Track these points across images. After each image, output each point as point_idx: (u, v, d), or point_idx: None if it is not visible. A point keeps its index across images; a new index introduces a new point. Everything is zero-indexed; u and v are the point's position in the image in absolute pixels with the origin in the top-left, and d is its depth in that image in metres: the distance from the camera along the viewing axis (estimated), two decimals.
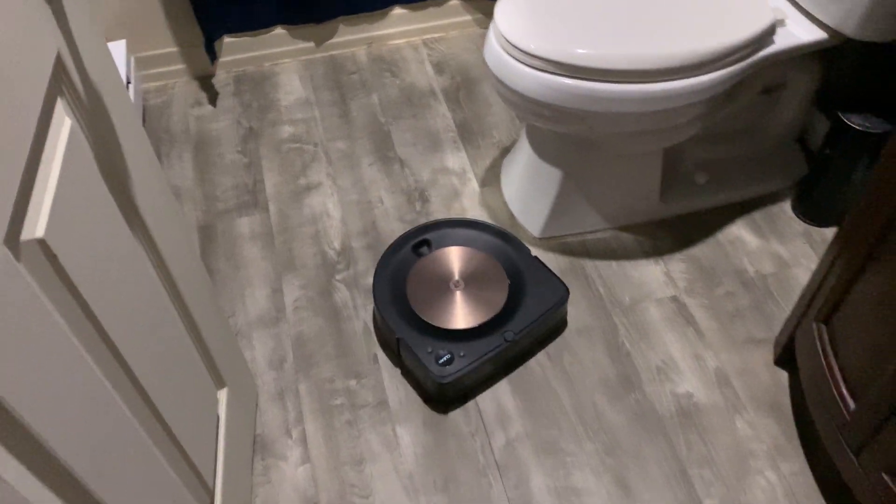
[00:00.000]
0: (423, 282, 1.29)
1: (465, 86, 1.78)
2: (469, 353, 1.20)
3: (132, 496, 0.67)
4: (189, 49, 1.77)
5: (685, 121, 1.22)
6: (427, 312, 1.25)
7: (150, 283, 0.80)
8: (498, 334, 1.22)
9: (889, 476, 0.95)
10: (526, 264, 1.32)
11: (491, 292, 1.28)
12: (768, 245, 1.44)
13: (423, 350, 1.20)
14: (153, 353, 0.78)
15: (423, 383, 1.24)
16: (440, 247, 1.34)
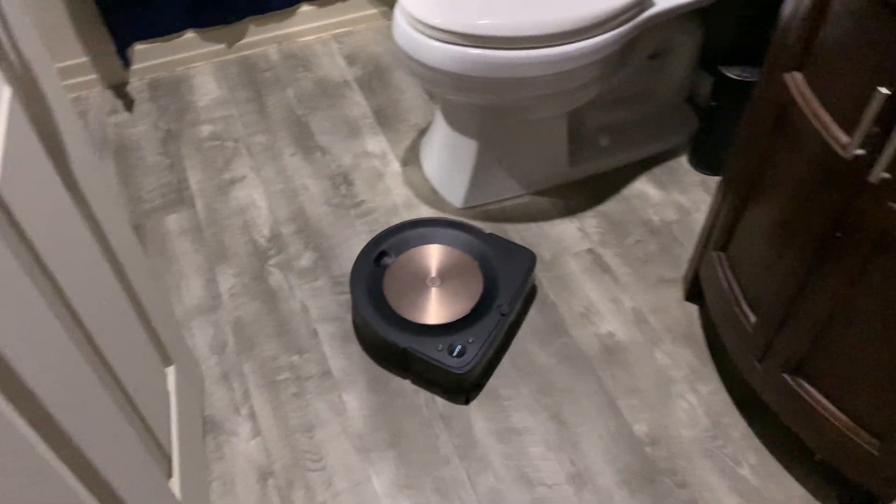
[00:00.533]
0: (401, 288, 1.30)
1: (377, 75, 1.85)
2: (475, 337, 1.22)
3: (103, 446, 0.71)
4: (101, 58, 1.78)
5: (584, 82, 1.32)
6: (417, 315, 1.26)
7: (92, 251, 0.83)
8: (492, 312, 1.26)
9: (788, 375, 1.06)
10: (486, 243, 1.36)
11: (467, 278, 1.31)
12: (670, 196, 1.56)
13: (434, 350, 1.21)
14: (104, 319, 0.82)
15: (444, 381, 1.24)
16: (400, 252, 1.35)
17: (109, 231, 0.90)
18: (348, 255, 1.47)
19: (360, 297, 1.28)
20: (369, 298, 1.28)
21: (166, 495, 0.91)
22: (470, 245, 1.36)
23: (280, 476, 1.17)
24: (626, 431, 1.21)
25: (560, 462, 1.18)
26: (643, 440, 1.20)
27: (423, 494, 1.15)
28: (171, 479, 0.98)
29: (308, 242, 1.49)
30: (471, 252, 1.35)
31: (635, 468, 1.17)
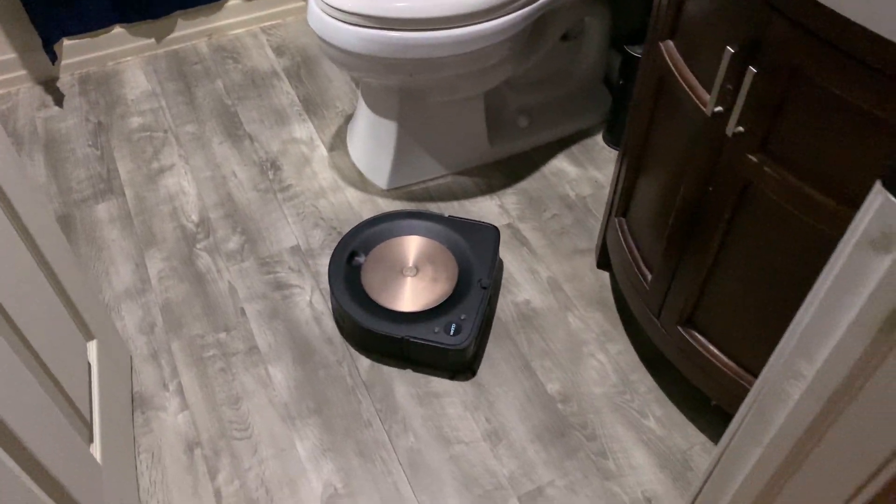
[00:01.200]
0: (381, 283, 1.33)
1: (305, 65, 1.90)
2: (466, 313, 1.27)
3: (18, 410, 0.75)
4: (29, 54, 1.79)
5: (495, 62, 1.39)
6: (404, 305, 1.29)
7: (9, 236, 0.87)
8: (474, 288, 1.30)
9: (682, 328, 1.14)
10: (448, 226, 1.40)
11: (440, 261, 1.35)
12: (586, 172, 1.63)
13: (431, 333, 1.25)
14: (21, 296, 0.85)
15: (445, 362, 1.28)
16: (369, 250, 1.38)
17: (27, 218, 0.94)
18: (275, 237, 1.51)
19: (343, 299, 1.30)
20: (353, 299, 1.30)
21: (87, 460, 0.95)
22: (434, 231, 1.40)
23: (207, 446, 1.21)
24: (540, 391, 1.27)
25: (476, 421, 1.24)
26: (555, 398, 1.27)
27: (345, 456, 1.20)
28: (92, 444, 1.02)
29: (236, 226, 1.53)
30: (437, 237, 1.39)
31: (548, 424, 1.23)
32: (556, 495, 1.15)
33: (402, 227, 1.41)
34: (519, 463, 1.19)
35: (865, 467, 0.56)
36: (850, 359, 0.53)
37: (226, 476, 1.18)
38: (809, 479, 0.64)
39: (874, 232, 0.48)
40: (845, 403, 0.56)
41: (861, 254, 0.50)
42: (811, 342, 0.57)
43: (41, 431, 0.81)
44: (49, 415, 0.86)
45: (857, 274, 0.51)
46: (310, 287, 1.42)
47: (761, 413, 0.66)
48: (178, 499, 1.15)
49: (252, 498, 1.15)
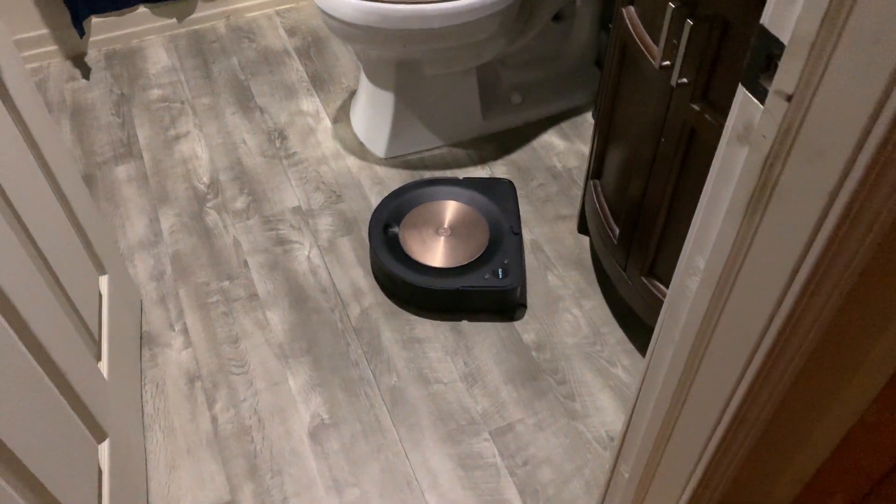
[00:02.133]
0: (422, 247, 1.42)
1: (315, 44, 2.01)
2: (508, 258, 1.38)
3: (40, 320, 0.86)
4: (60, 31, 1.93)
5: (487, 35, 1.49)
6: (450, 262, 1.40)
7: (38, 178, 0.99)
8: (507, 236, 1.42)
9: (646, 278, 1.23)
10: (468, 186, 1.51)
11: (469, 219, 1.46)
12: (573, 146, 1.72)
13: (482, 280, 1.35)
14: (47, 230, 0.97)
15: (498, 304, 1.38)
16: (400, 220, 1.47)
17: (54, 165, 1.07)
18: (279, 198, 1.62)
19: (393, 266, 1.38)
20: (403, 266, 1.39)
21: (94, 373, 1.06)
22: (455, 193, 1.51)
23: (207, 379, 1.32)
24: (516, 339, 1.37)
25: (455, 364, 1.33)
26: (530, 346, 1.36)
27: (332, 391, 1.30)
28: (100, 362, 1.13)
29: (243, 188, 1.64)
30: (459, 198, 1.50)
31: (521, 368, 1.32)
32: (524, 431, 1.24)
33: (425, 195, 1.51)
34: (492, 402, 1.28)
35: (750, 342, 0.65)
36: (728, 244, 0.62)
37: (222, 405, 1.28)
38: (710, 370, 0.72)
39: (739, 126, 0.57)
40: (730, 288, 0.64)
41: (731, 148, 0.59)
42: (702, 237, 0.66)
43: (57, 341, 0.92)
44: (61, 322, 0.97)
45: (728, 166, 0.60)
46: (309, 243, 1.53)
47: (672, 313, 0.75)
48: (178, 423, 1.26)
49: (245, 425, 1.26)
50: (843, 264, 0.54)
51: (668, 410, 0.83)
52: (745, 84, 0.56)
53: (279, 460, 1.21)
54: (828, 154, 0.49)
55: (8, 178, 0.90)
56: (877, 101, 0.44)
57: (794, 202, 0.54)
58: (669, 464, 0.89)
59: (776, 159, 0.54)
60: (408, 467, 1.20)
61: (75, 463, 0.91)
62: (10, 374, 0.77)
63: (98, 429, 1.02)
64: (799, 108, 0.50)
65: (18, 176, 0.94)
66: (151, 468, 1.21)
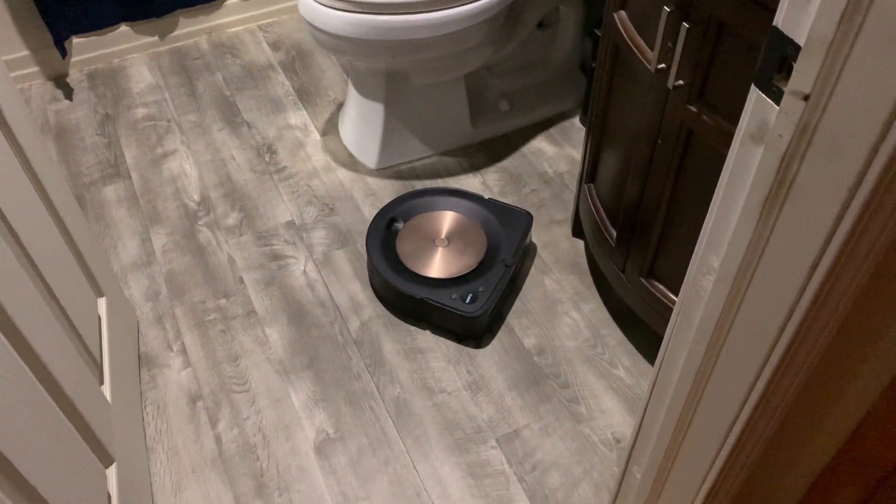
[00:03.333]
0: (413, 249, 1.43)
1: (299, 58, 2.01)
2: (485, 286, 1.36)
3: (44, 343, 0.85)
4: (41, 51, 1.91)
5: (473, 44, 1.50)
6: (430, 271, 1.39)
7: (37, 205, 0.98)
8: (497, 265, 1.39)
9: (644, 279, 1.23)
10: (486, 207, 1.49)
11: (471, 237, 1.44)
12: (563, 150, 1.73)
13: (448, 299, 1.33)
14: (46, 253, 0.96)
15: (458, 327, 1.36)
16: (408, 218, 1.48)
17: (50, 188, 1.05)
18: (271, 213, 1.61)
19: (376, 258, 1.41)
20: (385, 259, 1.41)
21: (98, 397, 1.04)
22: (471, 209, 1.49)
23: (208, 398, 1.31)
24: (517, 345, 1.37)
25: (458, 373, 1.33)
26: (531, 351, 1.36)
27: (336, 405, 1.29)
28: (103, 385, 1.11)
29: (234, 204, 1.63)
30: (473, 215, 1.49)
31: (524, 374, 1.33)
32: (531, 437, 1.24)
33: (442, 202, 1.51)
34: (497, 409, 1.28)
35: (767, 341, 0.66)
36: (744, 243, 0.63)
37: (225, 424, 1.27)
38: (726, 369, 0.73)
39: (752, 126, 0.58)
40: (746, 286, 0.65)
41: (745, 148, 0.60)
42: (716, 236, 0.67)
43: (59, 359, 0.91)
44: (65, 346, 0.96)
45: (743, 166, 0.61)
46: (304, 257, 1.52)
47: (686, 314, 0.76)
48: (182, 444, 1.25)
49: (250, 443, 1.25)
50: (861, 259, 0.55)
51: (682, 411, 0.84)
52: (758, 85, 0.57)
53: (286, 477, 1.20)
54: (846, 151, 0.50)
55: (7, 199, 0.89)
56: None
57: (811, 200, 0.55)
58: (684, 464, 0.89)
59: (793, 158, 0.55)
60: (416, 478, 1.20)
61: (85, 489, 0.89)
62: (17, 399, 0.76)
63: (105, 453, 1.01)
64: (816, 108, 0.51)
65: (16, 197, 0.92)
66: (157, 491, 1.19)
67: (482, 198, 1.51)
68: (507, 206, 1.50)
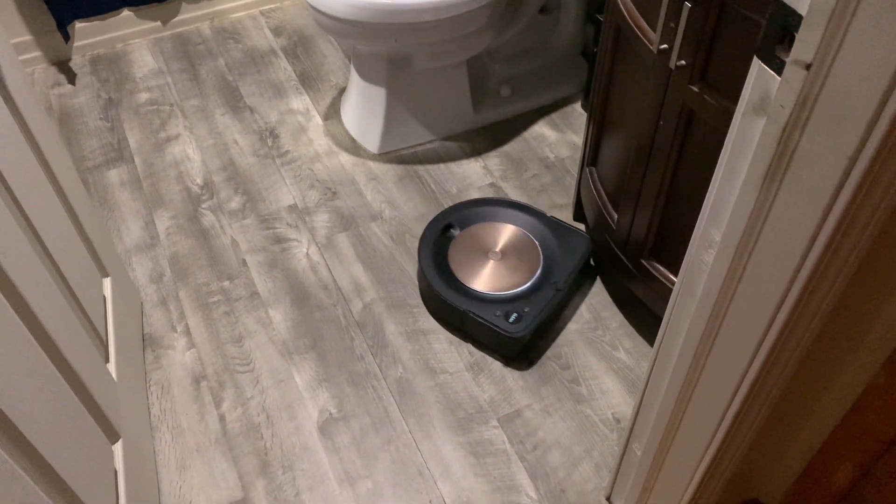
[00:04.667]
0: (465, 258, 1.39)
1: (301, 43, 2.01)
2: (531, 307, 1.30)
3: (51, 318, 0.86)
4: (44, 36, 1.91)
5: (474, 29, 1.50)
6: (478, 284, 1.35)
7: (44, 183, 0.99)
8: (548, 287, 1.33)
9: (646, 261, 1.24)
10: (546, 224, 1.44)
11: (526, 254, 1.39)
12: (564, 136, 1.74)
13: (492, 315, 1.29)
14: (53, 232, 0.97)
15: (498, 344, 1.32)
16: (465, 226, 1.44)
17: (56, 169, 1.06)
18: (274, 197, 1.62)
19: (426, 262, 1.37)
20: (435, 265, 1.37)
21: (104, 374, 1.05)
22: (531, 225, 1.44)
23: (212, 379, 1.32)
24: None
25: (460, 354, 1.34)
26: None
27: (339, 386, 1.30)
28: (108, 363, 1.12)
29: (237, 188, 1.64)
30: (531, 231, 1.43)
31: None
32: (532, 417, 1.26)
33: (501, 214, 1.46)
34: (498, 389, 1.29)
35: (768, 312, 0.67)
36: (745, 215, 0.64)
37: (230, 404, 1.28)
38: (726, 342, 0.74)
39: (755, 98, 0.59)
40: (747, 259, 0.66)
41: (746, 120, 0.61)
42: (718, 210, 0.68)
43: (67, 336, 0.92)
44: (72, 324, 0.97)
45: (744, 138, 0.61)
46: (306, 240, 1.53)
47: (687, 289, 0.77)
48: (187, 423, 1.26)
49: (254, 422, 1.26)
50: (861, 227, 0.56)
51: (683, 385, 0.85)
52: (760, 56, 0.57)
53: (290, 456, 1.22)
54: (847, 119, 0.51)
55: (17, 180, 0.90)
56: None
57: (812, 168, 0.55)
58: (684, 439, 0.91)
59: (794, 128, 0.55)
60: (419, 457, 1.21)
61: (94, 464, 0.91)
62: (26, 372, 0.77)
63: (111, 429, 1.02)
64: (818, 76, 0.52)
65: (25, 178, 0.93)
66: (162, 469, 1.20)
67: (544, 214, 1.45)
68: (568, 226, 1.44)
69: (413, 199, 1.61)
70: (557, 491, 1.17)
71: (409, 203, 1.60)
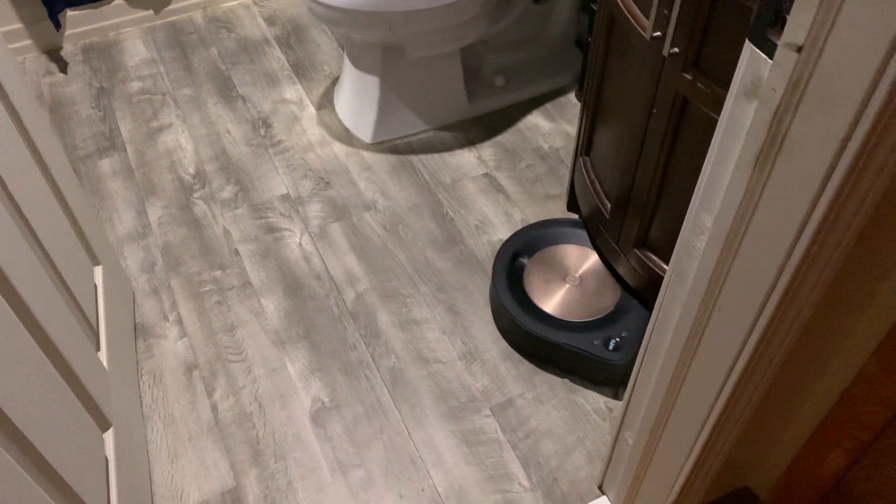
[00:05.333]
0: (543, 287, 1.32)
1: (295, 33, 2.00)
2: (627, 331, 1.24)
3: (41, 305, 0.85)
4: (35, 24, 1.90)
5: (468, 17, 1.49)
6: (565, 312, 1.28)
7: (36, 174, 0.98)
8: (638, 308, 1.27)
9: (638, 250, 1.24)
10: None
11: (606, 277, 1.33)
12: (558, 126, 1.74)
13: (590, 345, 1.22)
14: (43, 220, 0.96)
15: (597, 374, 1.26)
16: (532, 253, 1.37)
17: (47, 157, 1.05)
18: (267, 186, 1.61)
19: (505, 298, 1.29)
20: (514, 298, 1.30)
21: (95, 362, 1.05)
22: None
23: (204, 368, 1.31)
24: None
25: (453, 343, 1.34)
26: None
27: (332, 375, 1.30)
28: (100, 352, 1.12)
29: (230, 177, 1.63)
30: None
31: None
32: (524, 406, 1.26)
33: (570, 235, 1.41)
34: (491, 378, 1.29)
35: (758, 298, 0.67)
36: (736, 199, 0.63)
37: (222, 393, 1.28)
38: (717, 329, 0.74)
39: (747, 81, 0.59)
40: (738, 245, 0.66)
41: (738, 104, 0.60)
42: (709, 196, 0.68)
43: (57, 324, 0.91)
44: (62, 312, 0.96)
45: (736, 123, 0.61)
46: (299, 230, 1.53)
47: (678, 275, 0.77)
48: (179, 413, 1.26)
49: (246, 412, 1.26)
50: (852, 211, 0.56)
51: (673, 374, 0.85)
52: (752, 40, 0.57)
53: (282, 445, 1.21)
54: (839, 101, 0.51)
55: (7, 168, 0.89)
56: (889, 45, 0.46)
57: (804, 152, 0.55)
58: (675, 428, 0.91)
59: (786, 111, 0.55)
60: (411, 446, 1.21)
61: (84, 452, 0.90)
62: (15, 360, 0.76)
63: (102, 417, 1.02)
64: (809, 59, 0.51)
65: (15, 165, 0.93)
66: (154, 458, 1.20)
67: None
68: None
69: (407, 189, 1.60)
70: (550, 479, 1.17)
71: (402, 193, 1.60)
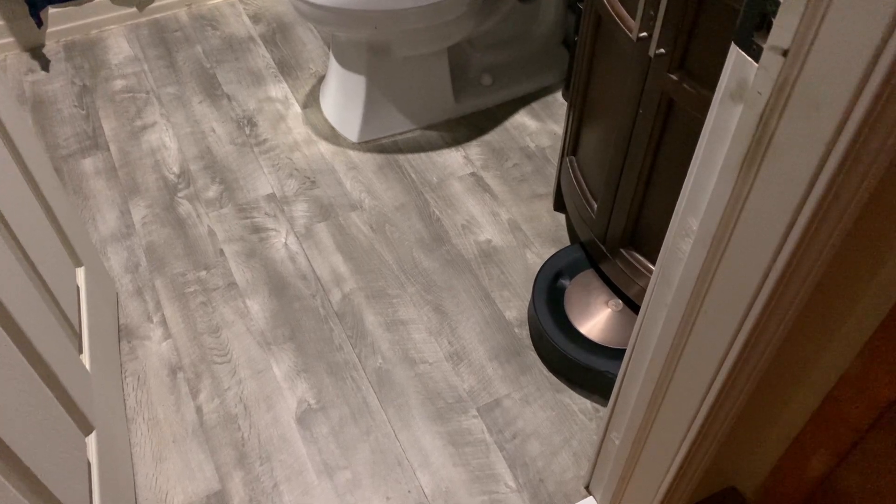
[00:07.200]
0: (583, 310, 1.29)
1: (280, 31, 1.99)
2: None
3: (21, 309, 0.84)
4: (16, 22, 1.87)
5: (454, 17, 1.49)
6: (604, 336, 1.26)
7: (15, 174, 0.96)
8: None
9: (625, 250, 1.24)
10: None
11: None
12: (545, 125, 1.73)
13: None
14: (23, 221, 0.95)
15: None
16: (574, 275, 1.34)
17: (27, 157, 1.04)
18: (252, 186, 1.60)
19: (546, 323, 1.27)
20: (555, 323, 1.27)
21: (77, 365, 1.04)
22: None
23: (189, 370, 1.30)
24: (498, 317, 1.37)
25: (440, 344, 1.34)
26: (513, 323, 1.37)
27: (318, 376, 1.29)
28: (82, 354, 1.11)
29: (215, 176, 1.62)
30: None
31: (505, 345, 1.33)
32: (511, 406, 1.25)
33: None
34: (478, 379, 1.29)
35: (745, 300, 0.66)
36: (722, 202, 0.63)
37: (206, 395, 1.27)
38: (703, 331, 0.74)
39: (732, 84, 0.59)
40: (724, 247, 0.66)
41: (724, 107, 0.60)
42: (695, 198, 0.68)
43: (37, 327, 0.90)
44: (43, 314, 0.95)
45: (721, 126, 0.61)
46: (285, 230, 1.52)
47: (664, 277, 0.77)
48: (163, 415, 1.24)
49: (231, 413, 1.25)
50: (838, 215, 0.56)
51: (659, 375, 0.85)
52: (738, 43, 0.57)
53: (268, 447, 1.21)
54: (824, 105, 0.51)
55: None
56: (874, 49, 0.46)
57: (790, 155, 0.55)
58: (661, 428, 0.91)
59: (771, 115, 0.55)
60: (398, 447, 1.20)
61: (65, 455, 0.89)
62: None
63: (84, 421, 1.01)
64: (795, 63, 0.51)
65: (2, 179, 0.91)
66: (137, 460, 1.19)
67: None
68: None
69: (393, 189, 1.60)
70: (536, 480, 1.17)
71: (389, 192, 1.59)
